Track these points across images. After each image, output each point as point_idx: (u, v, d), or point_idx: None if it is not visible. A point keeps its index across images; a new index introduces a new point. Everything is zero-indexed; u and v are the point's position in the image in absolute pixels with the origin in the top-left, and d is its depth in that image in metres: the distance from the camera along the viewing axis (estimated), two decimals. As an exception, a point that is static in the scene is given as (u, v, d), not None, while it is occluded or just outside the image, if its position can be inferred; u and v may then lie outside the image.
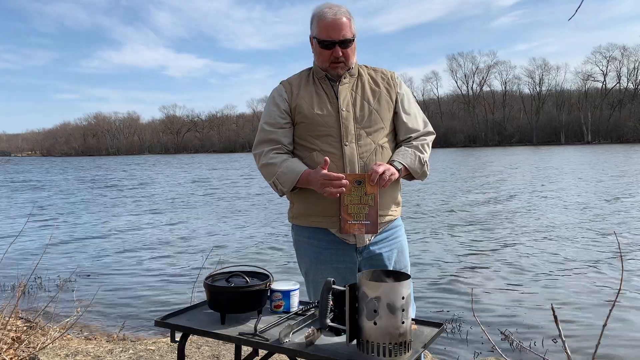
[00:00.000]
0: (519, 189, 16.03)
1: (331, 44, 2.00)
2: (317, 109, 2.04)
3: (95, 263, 7.37)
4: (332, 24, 1.98)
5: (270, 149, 2.06)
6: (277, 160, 2.02)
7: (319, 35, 2.01)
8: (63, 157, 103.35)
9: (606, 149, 51.62)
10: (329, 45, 2.00)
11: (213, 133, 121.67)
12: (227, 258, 7.18)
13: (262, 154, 2.06)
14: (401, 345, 1.40)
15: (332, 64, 2.03)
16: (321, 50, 2.03)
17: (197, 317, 1.80)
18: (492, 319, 4.56)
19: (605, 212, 10.61)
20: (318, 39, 2.02)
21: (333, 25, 1.98)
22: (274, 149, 2.06)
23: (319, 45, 2.03)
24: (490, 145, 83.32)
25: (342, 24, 1.99)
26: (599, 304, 4.90)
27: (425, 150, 2.11)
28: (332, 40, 1.99)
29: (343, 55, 2.02)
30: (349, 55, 2.04)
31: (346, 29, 1.99)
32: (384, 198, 2.04)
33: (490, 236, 8.48)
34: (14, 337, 3.74)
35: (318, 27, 2.01)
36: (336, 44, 2.00)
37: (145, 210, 13.61)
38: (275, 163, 2.01)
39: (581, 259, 6.70)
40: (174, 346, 3.58)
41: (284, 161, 2.01)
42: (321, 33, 2.00)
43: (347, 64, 2.06)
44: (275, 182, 2.02)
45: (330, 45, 2.00)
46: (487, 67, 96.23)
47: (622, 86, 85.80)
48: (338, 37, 1.99)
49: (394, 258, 2.13)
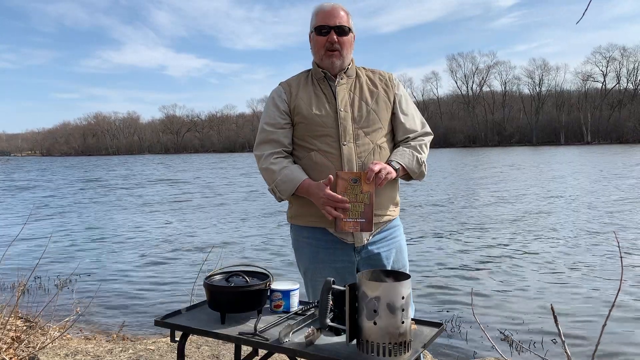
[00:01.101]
0: (519, 189, 16.04)
1: (327, 30, 2.02)
2: (315, 109, 2.04)
3: (95, 263, 7.37)
4: (328, 12, 2.02)
5: (270, 152, 2.05)
6: (277, 168, 2.01)
7: (316, 24, 2.04)
8: (63, 157, 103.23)
9: (606, 149, 51.63)
10: (325, 32, 2.02)
11: (213, 133, 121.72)
12: (226, 258, 7.18)
13: (263, 157, 2.06)
14: (401, 345, 1.40)
15: (327, 51, 2.03)
16: (317, 38, 2.05)
17: (196, 317, 1.79)
18: (492, 319, 4.56)
19: (605, 213, 10.62)
20: (315, 27, 2.04)
21: (330, 13, 2.02)
22: (275, 152, 2.05)
23: (315, 33, 2.05)
24: (490, 145, 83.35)
25: (338, 13, 2.03)
26: (599, 304, 4.91)
27: (423, 151, 2.11)
28: (328, 25, 2.01)
29: (339, 42, 2.02)
30: (344, 44, 2.04)
31: (343, 18, 2.03)
32: (382, 198, 2.04)
33: (490, 236, 8.49)
34: (13, 336, 3.74)
35: (316, 18, 2.04)
36: (332, 29, 2.01)
37: (145, 210, 13.62)
38: (275, 170, 2.01)
39: (581, 259, 6.71)
40: (173, 346, 3.58)
41: (283, 169, 2.01)
42: (318, 21, 2.04)
43: (342, 53, 2.05)
44: (274, 189, 2.04)
45: (326, 31, 2.02)
46: (486, 67, 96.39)
47: (621, 87, 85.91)
48: (334, 23, 2.01)
49: (393, 258, 2.13)
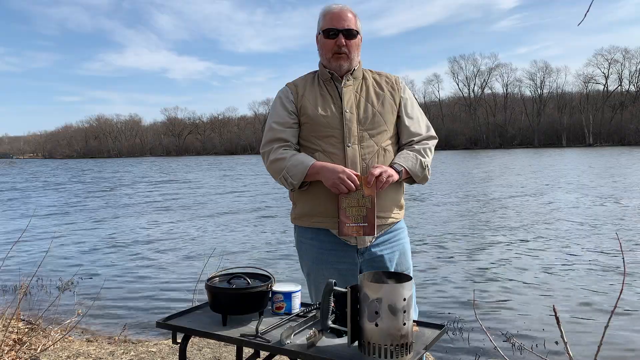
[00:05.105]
0: (522, 191, 16.02)
1: (335, 32, 2.03)
2: (321, 110, 2.05)
3: (97, 265, 7.37)
4: (337, 15, 2.04)
5: (279, 145, 2.06)
6: (287, 155, 2.02)
7: (324, 26, 2.05)
8: (65, 160, 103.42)
9: (608, 151, 51.54)
10: (333, 35, 2.03)
11: (214, 135, 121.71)
12: (228, 259, 7.18)
13: (272, 151, 2.06)
14: (402, 347, 1.40)
15: (335, 54, 2.04)
16: (325, 41, 2.06)
17: (198, 319, 1.80)
18: (494, 321, 4.55)
19: (607, 215, 10.60)
20: (323, 30, 2.05)
21: (338, 16, 2.03)
22: (283, 146, 2.06)
23: (323, 36, 2.06)
24: (492, 147, 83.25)
25: (347, 16, 2.04)
26: (601, 305, 4.89)
27: (427, 155, 2.11)
28: (336, 28, 2.02)
29: (346, 46, 2.03)
30: (352, 48, 2.05)
31: (351, 21, 2.04)
32: (386, 201, 2.04)
33: (492, 238, 8.47)
34: (15, 339, 3.74)
35: (324, 20, 2.06)
36: (340, 32, 2.02)
37: (147, 213, 13.62)
38: (285, 157, 2.01)
39: (583, 260, 6.69)
40: (175, 348, 3.58)
41: (293, 155, 2.02)
42: (326, 24, 2.05)
43: (350, 56, 2.06)
44: (285, 176, 2.00)
45: (334, 34, 2.03)
46: (488, 69, 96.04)
47: (623, 89, 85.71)
48: (342, 27, 2.03)
49: (396, 260, 2.12)
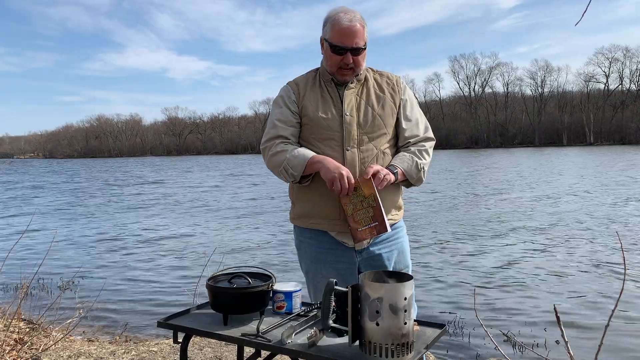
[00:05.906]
0: (522, 190, 16.01)
1: (343, 51, 1.99)
2: (321, 112, 2.04)
3: (98, 264, 7.38)
4: (346, 31, 1.97)
5: (280, 141, 2.05)
6: (288, 148, 2.01)
7: (331, 39, 2.00)
8: (65, 159, 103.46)
9: (609, 150, 51.50)
10: (341, 52, 1.99)
11: (215, 135, 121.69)
12: (229, 259, 7.18)
13: (273, 145, 2.05)
14: (403, 346, 1.40)
15: (341, 69, 2.02)
16: (332, 55, 2.02)
17: (199, 318, 1.80)
18: (495, 320, 4.55)
19: (608, 214, 10.59)
20: (330, 43, 2.00)
21: (347, 32, 1.97)
22: (284, 141, 2.06)
23: (330, 50, 2.01)
24: (493, 146, 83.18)
25: (356, 31, 1.97)
26: (602, 304, 4.89)
27: (423, 156, 2.09)
28: (345, 46, 1.98)
29: (353, 62, 2.00)
30: (359, 63, 2.03)
31: (360, 36, 1.98)
32: (385, 202, 2.03)
33: (492, 237, 8.47)
34: (16, 338, 3.75)
35: (332, 31, 1.99)
36: (348, 50, 1.98)
37: (148, 212, 13.63)
38: (286, 150, 2.01)
39: (584, 259, 6.69)
40: (176, 347, 3.59)
41: (294, 149, 2.01)
42: (334, 38, 1.99)
43: (356, 70, 2.04)
44: (285, 167, 1.99)
45: (342, 51, 1.99)
46: (489, 68, 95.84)
47: (624, 87, 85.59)
48: (351, 44, 1.97)
49: (394, 259, 2.12)
